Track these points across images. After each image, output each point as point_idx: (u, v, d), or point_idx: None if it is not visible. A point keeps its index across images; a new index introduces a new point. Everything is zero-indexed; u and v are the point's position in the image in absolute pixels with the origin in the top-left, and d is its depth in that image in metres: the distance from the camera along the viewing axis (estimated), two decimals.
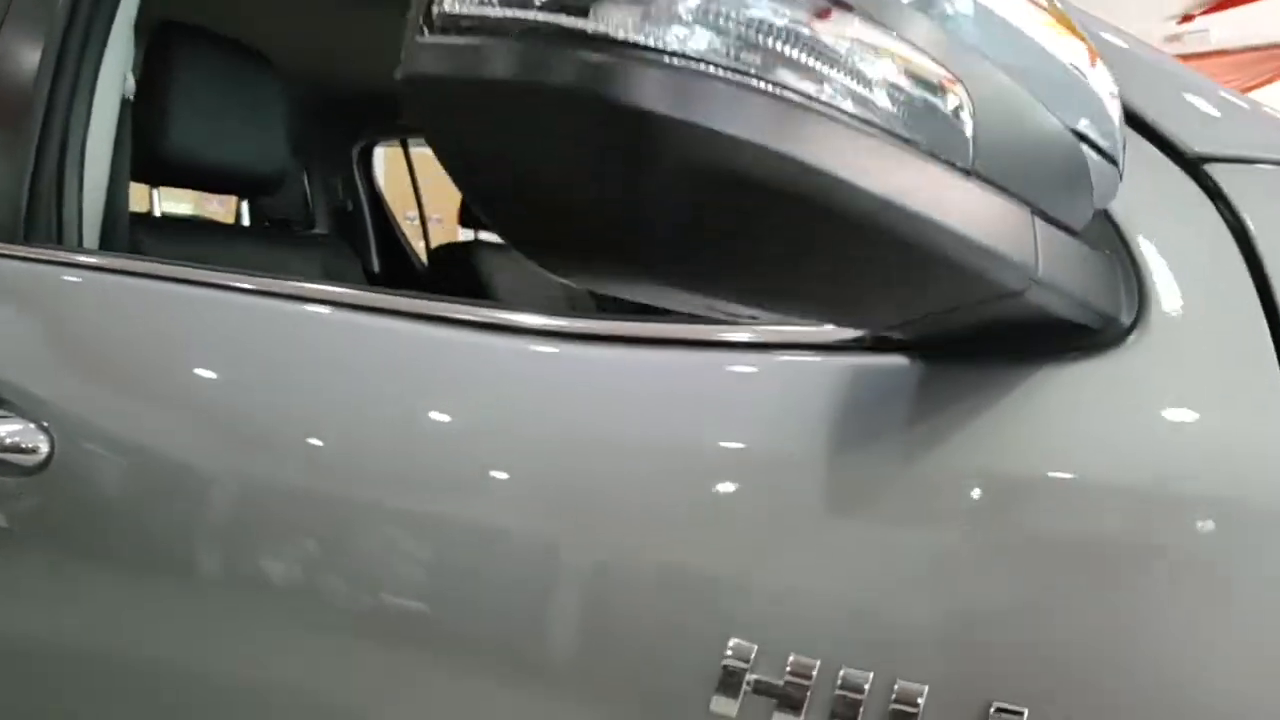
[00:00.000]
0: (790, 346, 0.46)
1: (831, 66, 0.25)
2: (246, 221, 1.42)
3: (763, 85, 0.24)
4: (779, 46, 0.24)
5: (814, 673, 0.39)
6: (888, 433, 0.41)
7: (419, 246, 2.54)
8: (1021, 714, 0.35)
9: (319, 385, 0.59)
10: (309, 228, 2.23)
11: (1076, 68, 0.32)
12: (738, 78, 0.24)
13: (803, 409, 0.44)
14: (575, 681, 0.46)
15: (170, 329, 0.68)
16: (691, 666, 0.41)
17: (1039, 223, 0.32)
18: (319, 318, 0.63)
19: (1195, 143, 0.41)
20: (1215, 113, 0.43)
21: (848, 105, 0.25)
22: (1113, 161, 0.34)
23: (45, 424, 0.64)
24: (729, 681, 0.40)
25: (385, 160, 2.54)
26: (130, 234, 0.97)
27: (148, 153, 1.11)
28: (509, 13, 0.22)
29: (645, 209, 0.25)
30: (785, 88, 0.24)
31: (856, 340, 0.44)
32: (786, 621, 0.41)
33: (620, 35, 0.22)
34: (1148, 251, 0.39)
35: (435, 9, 0.24)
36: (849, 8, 0.25)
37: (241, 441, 0.61)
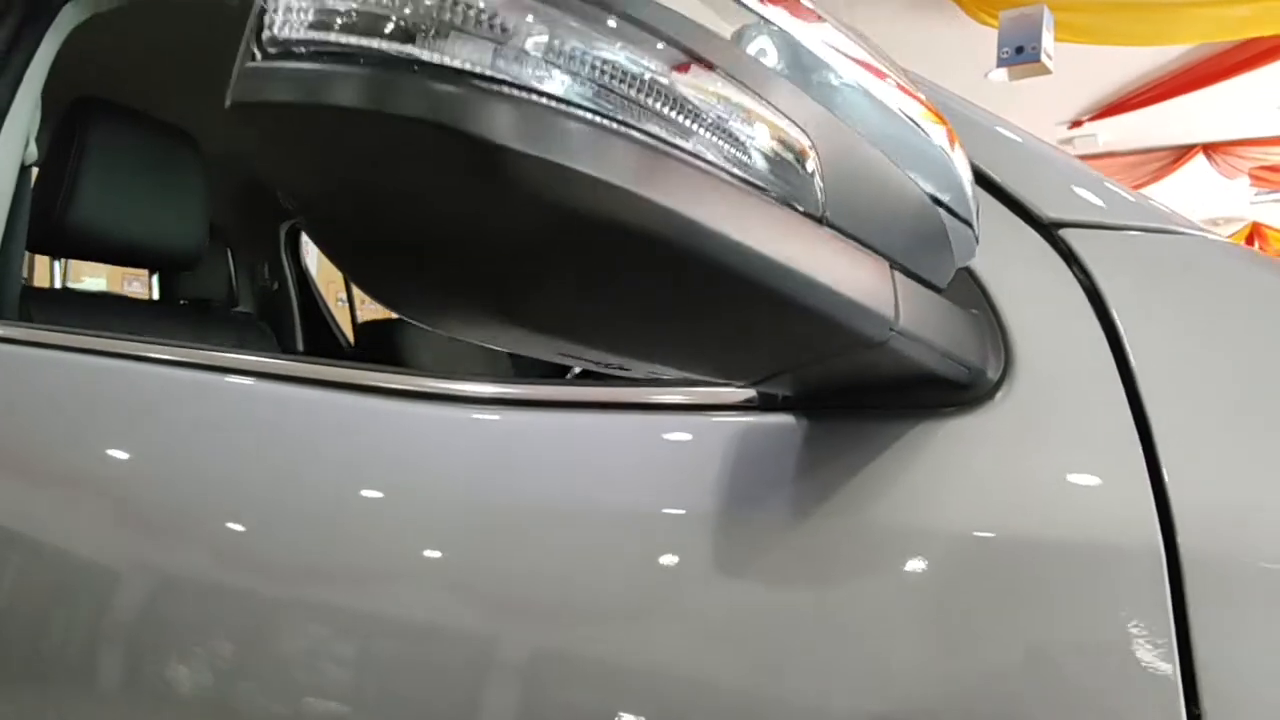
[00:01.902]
0: (686, 408, 0.46)
1: (689, 118, 0.26)
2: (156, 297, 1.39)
3: (621, 129, 0.25)
4: (637, 95, 0.25)
5: None
6: (774, 491, 0.42)
7: (348, 328, 2.51)
8: None
9: (234, 463, 0.56)
10: (231, 307, 2.19)
11: (932, 140, 0.34)
12: (596, 119, 0.24)
13: (694, 469, 0.44)
14: None
15: (67, 402, 0.65)
16: None
17: (899, 276, 0.33)
18: (234, 388, 0.61)
19: (1049, 209, 0.44)
20: (1068, 182, 0.46)
21: (706, 153, 0.26)
22: (968, 224, 0.36)
23: None
24: None
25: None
26: (21, 305, 0.93)
27: (52, 223, 1.08)
28: (352, 39, 0.22)
29: (498, 249, 0.25)
30: (644, 133, 0.25)
31: (748, 401, 0.45)
32: (676, 689, 0.40)
33: (473, 69, 0.23)
34: (1010, 310, 0.41)
35: (267, 33, 0.23)
36: (709, 65, 0.27)
37: (147, 526, 0.57)
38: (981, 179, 0.45)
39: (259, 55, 0.24)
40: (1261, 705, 0.32)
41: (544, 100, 0.23)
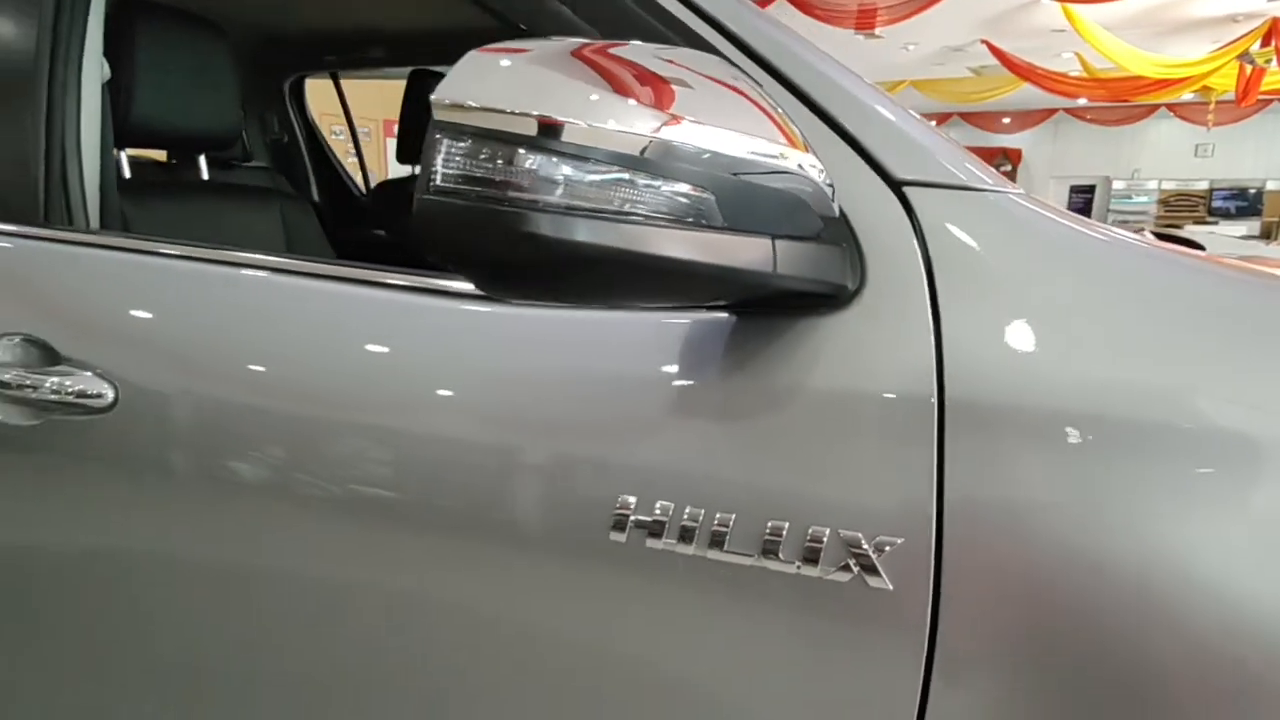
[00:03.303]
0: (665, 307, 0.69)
1: (632, 192, 0.48)
2: (205, 173, 1.57)
3: (600, 213, 0.47)
4: (612, 194, 0.47)
5: (670, 513, 0.64)
6: (709, 359, 0.65)
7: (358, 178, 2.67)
8: (782, 526, 0.60)
9: (306, 339, 0.80)
10: (245, 160, 2.34)
11: (787, 162, 0.55)
12: (591, 211, 0.47)
13: (660, 348, 0.67)
14: (516, 533, 0.70)
15: (198, 300, 0.87)
16: (597, 514, 0.66)
17: (778, 242, 0.55)
18: (309, 288, 0.84)
19: (899, 171, 0.64)
20: (916, 149, 0.66)
21: (641, 209, 0.48)
22: (823, 197, 0.57)
23: (108, 376, 0.84)
24: (619, 520, 0.65)
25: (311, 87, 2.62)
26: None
27: (116, 123, 1.25)
28: (473, 189, 0.45)
29: (552, 272, 0.48)
30: (614, 213, 0.47)
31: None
32: (654, 484, 0.65)
33: (524, 198, 0.45)
34: (867, 243, 0.63)
35: (432, 181, 0.46)
36: (639, 165, 0.48)
37: (256, 385, 0.82)
38: (854, 144, 0.65)
39: (429, 189, 0.46)
40: (997, 512, 0.57)
41: (559, 209, 0.46)
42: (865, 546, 0.58)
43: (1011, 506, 0.56)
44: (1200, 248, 1.15)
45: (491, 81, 0.47)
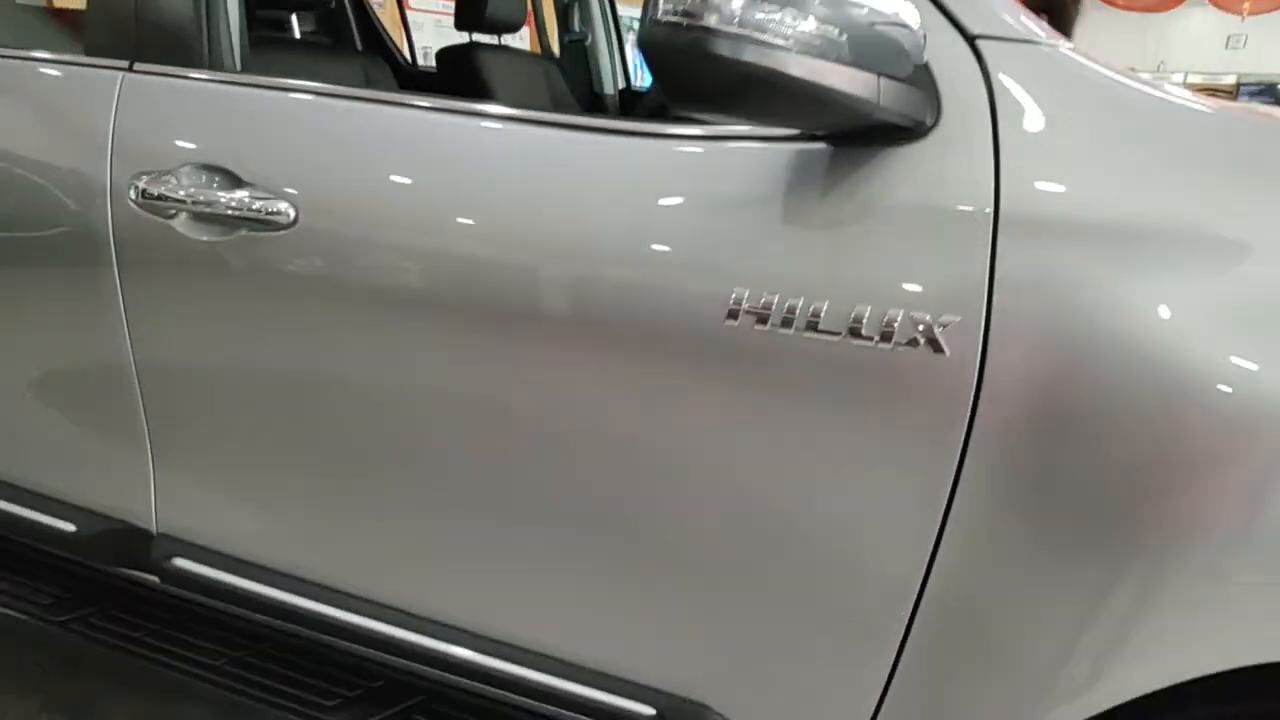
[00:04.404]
0: (740, 138, 0.86)
1: (784, 26, 0.63)
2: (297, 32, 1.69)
3: (758, 38, 0.63)
4: (775, 27, 0.63)
5: (774, 302, 0.81)
6: (810, 182, 0.82)
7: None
8: (864, 311, 0.78)
9: (442, 171, 0.97)
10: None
11: (901, 16, 0.70)
12: (758, 41, 0.63)
13: (771, 173, 0.83)
14: (658, 325, 0.88)
15: (363, 132, 1.03)
16: (711, 306, 0.83)
17: (882, 80, 0.71)
18: (441, 121, 1.00)
19: (973, 26, 0.79)
20: (986, 4, 0.80)
21: (794, 43, 0.63)
22: (917, 43, 0.73)
23: (289, 196, 1.01)
24: (734, 310, 0.83)
25: None
26: None
27: None
28: (680, 20, 0.61)
29: (727, 89, 0.64)
30: (775, 43, 0.63)
31: (795, 135, 0.84)
32: (765, 281, 0.82)
33: (714, 26, 0.61)
34: (943, 86, 0.78)
35: (654, 15, 0.61)
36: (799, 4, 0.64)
37: (409, 205, 0.98)
38: (936, 2, 0.79)
39: (658, 11, 0.62)
40: (1035, 295, 0.74)
41: (734, 36, 0.62)
42: (930, 322, 0.76)
43: (1047, 291, 0.74)
44: None
45: None
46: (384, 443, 1.06)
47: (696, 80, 0.65)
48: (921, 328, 0.77)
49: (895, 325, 0.77)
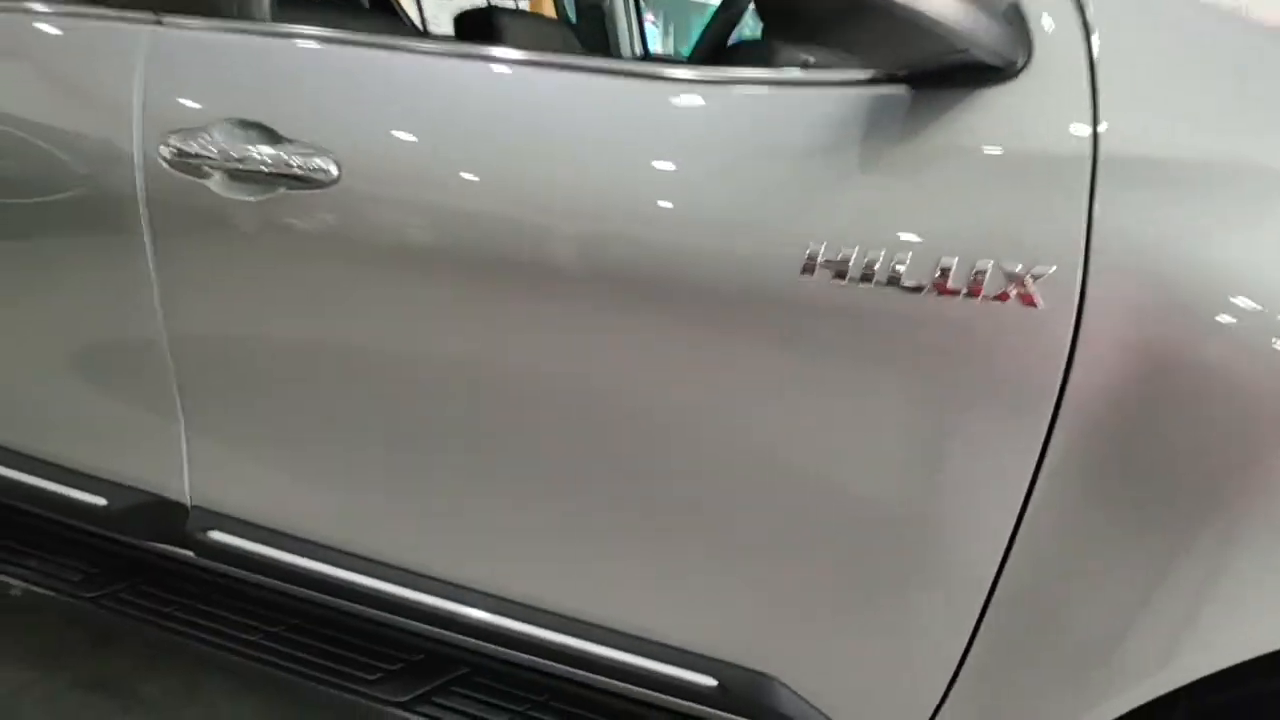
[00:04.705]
0: (810, 84, 0.81)
1: None
2: None
3: None
4: None
5: (853, 255, 0.77)
6: (890, 127, 0.78)
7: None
8: (951, 262, 0.74)
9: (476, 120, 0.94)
10: None
11: None
12: None
13: (851, 118, 0.79)
14: (734, 276, 0.84)
15: (409, 83, 0.99)
16: (785, 261, 0.80)
17: (980, 13, 0.67)
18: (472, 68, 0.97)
19: None
20: None
21: None
22: None
23: (332, 154, 0.97)
24: (809, 264, 0.79)
25: None
26: None
27: None
28: None
29: (834, 18, 0.61)
30: None
31: (872, 78, 0.79)
32: (844, 234, 0.79)
33: None
34: (1034, 27, 0.74)
35: None
36: None
37: (438, 151, 0.94)
38: None
39: None
40: (1134, 243, 0.70)
41: None
42: (1022, 273, 0.72)
43: (1150, 241, 0.70)
44: None
45: None
46: (429, 411, 1.02)
47: (800, 3, 0.61)
48: (1013, 279, 0.73)
49: (985, 277, 0.74)
